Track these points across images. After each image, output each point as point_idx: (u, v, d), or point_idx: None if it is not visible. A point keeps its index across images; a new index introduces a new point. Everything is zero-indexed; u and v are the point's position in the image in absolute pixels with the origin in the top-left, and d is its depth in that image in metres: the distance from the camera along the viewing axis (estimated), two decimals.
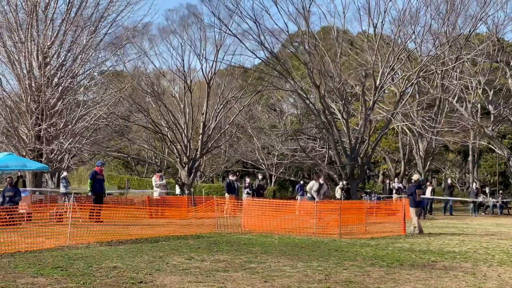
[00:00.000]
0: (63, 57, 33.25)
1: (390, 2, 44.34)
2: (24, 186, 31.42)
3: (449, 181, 42.67)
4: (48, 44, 31.92)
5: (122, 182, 62.24)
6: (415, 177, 24.21)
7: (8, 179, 24.88)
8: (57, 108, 31.96)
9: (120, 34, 36.89)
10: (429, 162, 51.36)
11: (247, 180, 35.13)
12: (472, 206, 38.44)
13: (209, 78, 43.19)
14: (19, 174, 32.40)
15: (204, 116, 43.33)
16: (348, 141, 40.49)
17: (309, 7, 40.61)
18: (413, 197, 22.83)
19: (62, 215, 21.52)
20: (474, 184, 42.75)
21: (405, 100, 41.94)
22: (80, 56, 33.06)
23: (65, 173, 33.66)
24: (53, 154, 31.86)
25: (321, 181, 28.23)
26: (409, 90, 43.61)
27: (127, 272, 11.47)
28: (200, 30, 43.04)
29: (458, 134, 51.38)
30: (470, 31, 40.79)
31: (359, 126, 41.42)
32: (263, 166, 57.89)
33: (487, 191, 42.56)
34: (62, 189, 32.26)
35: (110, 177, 62.22)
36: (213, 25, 44.34)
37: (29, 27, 30.93)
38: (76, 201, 21.93)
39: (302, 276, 11.39)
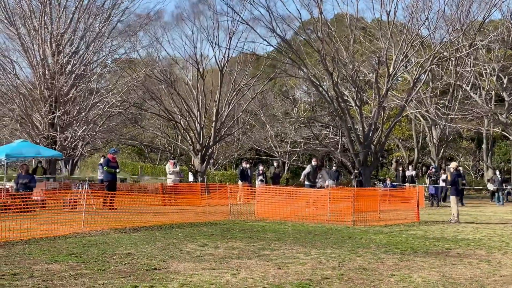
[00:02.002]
0: (76, 45, 33.33)
1: None
2: (45, 173, 31.57)
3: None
4: (62, 31, 31.98)
5: (135, 170, 62.45)
6: (454, 164, 23.78)
7: (24, 166, 24.98)
8: (70, 95, 32.05)
9: (133, 21, 36.97)
10: (442, 150, 51.19)
11: (261, 167, 35.09)
12: (497, 195, 37.67)
13: (222, 65, 43.16)
14: (38, 161, 32.63)
15: (217, 103, 43.33)
16: (361, 128, 40.36)
17: None
18: (456, 185, 22.56)
19: (76, 202, 21.61)
20: (497, 172, 42.30)
21: (418, 87, 41.74)
22: (93, 43, 33.12)
23: (102, 160, 33.96)
24: (66, 142, 31.98)
25: (314, 162, 26.70)
26: (422, 77, 43.39)
27: (141, 259, 11.50)
28: (213, 18, 43.07)
29: (472, 121, 51.15)
30: (484, 17, 40.49)
31: (373, 113, 41.25)
32: (276, 153, 57.90)
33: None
34: (99, 175, 32.38)
35: (124, 165, 62.48)
36: (225, 14, 44.26)
37: (43, 14, 30.99)
38: (89, 188, 22.00)
39: (315, 263, 11.39)
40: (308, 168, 26.56)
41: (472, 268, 11.28)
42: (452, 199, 22.38)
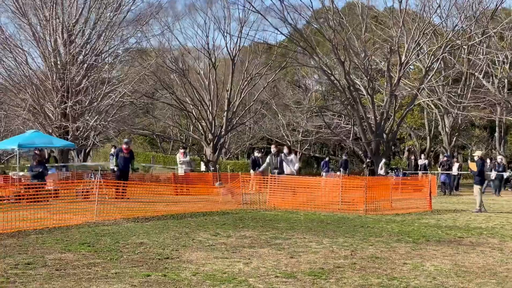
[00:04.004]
0: (88, 35, 33.39)
1: None
2: (56, 162, 31.63)
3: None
4: (73, 21, 32.04)
5: (147, 159, 62.56)
6: (479, 153, 23.46)
7: (35, 156, 25.03)
8: (82, 85, 32.15)
9: (144, 10, 37.05)
10: (455, 138, 51.00)
11: None
12: (492, 183, 36.59)
13: (234, 54, 43.15)
14: (51, 150, 32.73)
15: (228, 93, 43.33)
16: (373, 117, 40.27)
17: None
18: (481, 175, 22.29)
19: (89, 191, 21.67)
20: (499, 159, 41.63)
21: (431, 75, 41.59)
22: (104, 33, 33.18)
23: (113, 150, 33.94)
24: (79, 132, 32.09)
25: (273, 149, 25.24)
26: (434, 66, 43.20)
27: (154, 248, 11.53)
28: (224, 7, 43.11)
29: (485, 110, 50.90)
30: (496, 5, 40.25)
31: (385, 102, 41.16)
32: (288, 142, 57.86)
33: None
34: (111, 165, 32.31)
35: (136, 154, 62.56)
36: (237, 2, 44.33)
37: (54, 4, 31.05)
38: (102, 178, 22.05)
39: (328, 252, 11.39)
40: (269, 158, 25.31)
41: (485, 257, 11.26)
42: (476, 188, 22.07)
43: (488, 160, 35.65)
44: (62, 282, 8.49)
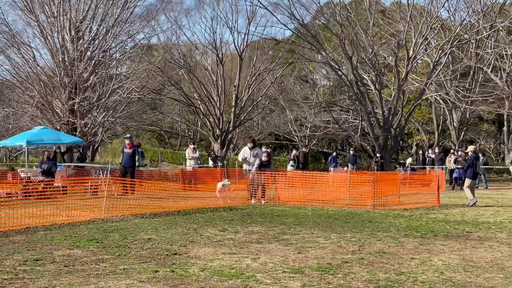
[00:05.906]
0: (95, 31, 33.47)
1: None
2: (81, 157, 31.57)
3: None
4: (80, 18, 32.10)
5: (155, 156, 62.63)
6: (472, 147, 23.50)
7: (46, 152, 25.16)
8: (90, 82, 32.22)
9: (152, 5, 37.12)
10: (463, 133, 50.87)
11: (294, 152, 35.13)
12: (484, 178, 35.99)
13: (241, 50, 43.16)
14: (58, 147, 32.79)
15: (236, 88, 43.34)
16: (381, 112, 40.22)
17: None
18: (473, 168, 22.34)
19: (97, 188, 21.72)
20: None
21: (438, 70, 41.48)
22: (112, 29, 33.23)
23: None
24: (87, 128, 32.15)
25: (249, 145, 22.91)
26: (442, 60, 43.08)
27: (162, 244, 11.56)
28: (232, 3, 43.17)
29: (493, 104, 50.71)
30: None
31: (392, 97, 41.10)
32: (296, 138, 57.85)
33: None
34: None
35: (144, 151, 62.59)
36: None
37: (61, 1, 31.11)
38: (110, 175, 22.09)
39: (335, 247, 11.40)
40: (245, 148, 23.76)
41: (493, 251, 11.24)
42: (468, 182, 22.14)
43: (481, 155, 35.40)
44: (70, 278, 8.53)
